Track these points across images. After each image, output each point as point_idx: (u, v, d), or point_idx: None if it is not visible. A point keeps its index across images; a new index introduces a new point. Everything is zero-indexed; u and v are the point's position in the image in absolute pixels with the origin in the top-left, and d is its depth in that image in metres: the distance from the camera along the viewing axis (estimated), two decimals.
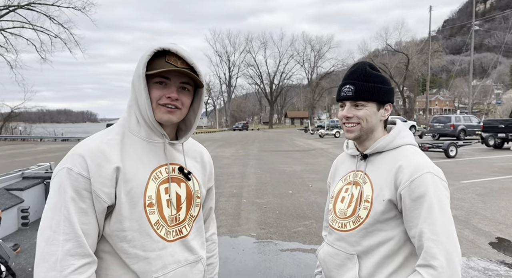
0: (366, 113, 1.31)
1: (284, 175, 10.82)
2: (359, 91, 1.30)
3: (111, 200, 1.08)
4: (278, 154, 17.62)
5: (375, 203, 1.26)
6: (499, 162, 12.91)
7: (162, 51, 1.14)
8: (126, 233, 1.10)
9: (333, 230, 1.40)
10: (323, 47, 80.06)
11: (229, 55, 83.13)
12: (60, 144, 31.57)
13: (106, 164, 1.08)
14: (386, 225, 1.26)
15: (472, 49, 39.39)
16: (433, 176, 1.21)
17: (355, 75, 1.32)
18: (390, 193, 1.24)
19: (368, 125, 1.32)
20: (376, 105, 1.32)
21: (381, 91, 1.31)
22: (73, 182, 1.05)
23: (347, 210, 1.35)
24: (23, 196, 3.73)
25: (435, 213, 1.17)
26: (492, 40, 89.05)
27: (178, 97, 1.16)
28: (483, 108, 54.80)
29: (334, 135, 32.73)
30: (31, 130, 41.86)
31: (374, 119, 1.32)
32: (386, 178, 1.26)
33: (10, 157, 18.16)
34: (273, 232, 5.46)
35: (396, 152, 1.31)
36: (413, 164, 1.23)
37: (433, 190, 1.19)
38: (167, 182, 1.18)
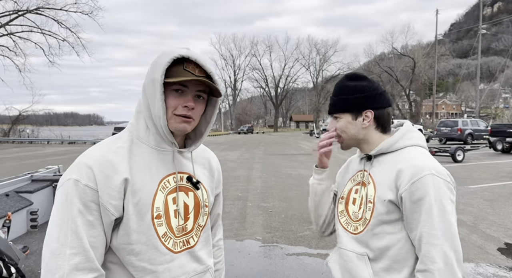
0: (341, 125, 1.38)
1: (290, 179, 10.80)
2: (332, 106, 1.40)
3: (119, 213, 1.05)
4: (284, 157, 17.60)
5: (377, 203, 1.27)
6: (507, 167, 12.80)
7: (180, 58, 1.09)
8: (133, 246, 1.07)
9: (347, 232, 1.39)
10: (329, 51, 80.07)
11: (234, 58, 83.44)
12: (67, 147, 31.78)
13: (114, 175, 1.05)
14: (392, 227, 1.26)
15: (480, 52, 39.16)
16: (434, 177, 1.19)
17: (333, 91, 1.42)
18: (392, 194, 1.24)
19: (348, 135, 1.38)
20: (350, 115, 1.36)
21: (351, 101, 1.35)
22: (80, 194, 1.01)
23: (358, 213, 1.36)
24: (32, 199, 3.77)
25: (434, 216, 1.17)
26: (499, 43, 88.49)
27: (194, 106, 1.12)
28: (491, 113, 54.34)
29: None
30: (38, 133, 42.17)
31: (353, 128, 1.36)
32: (388, 179, 1.27)
33: (18, 160, 18.32)
34: (279, 236, 5.45)
35: (400, 153, 1.32)
36: (414, 166, 1.22)
37: (434, 192, 1.18)
38: (175, 191, 1.15)
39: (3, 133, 38.84)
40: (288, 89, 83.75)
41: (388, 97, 1.41)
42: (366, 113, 1.36)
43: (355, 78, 1.40)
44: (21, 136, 39.05)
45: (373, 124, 1.37)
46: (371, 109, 1.35)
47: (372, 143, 1.38)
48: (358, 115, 1.36)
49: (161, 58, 1.09)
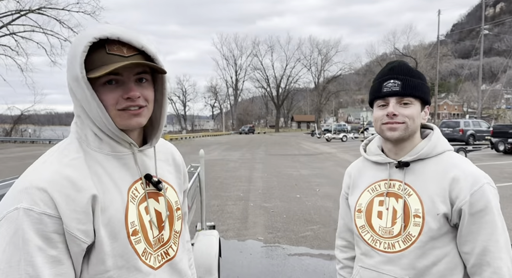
0: (413, 112, 1.17)
1: (291, 179, 10.81)
2: (407, 86, 1.16)
3: (91, 238, 0.86)
4: (285, 158, 17.61)
5: (428, 218, 1.13)
6: (509, 168, 12.77)
7: (99, 41, 0.86)
8: (110, 272, 0.89)
9: (377, 251, 1.21)
10: (330, 51, 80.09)
11: (236, 58, 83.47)
12: None
13: (77, 194, 0.84)
14: (440, 242, 1.14)
15: (482, 53, 39.10)
16: (490, 187, 1.12)
17: (398, 70, 1.19)
18: (445, 206, 1.12)
19: (413, 126, 1.18)
20: (420, 104, 1.20)
21: (426, 89, 1.20)
22: (36, 226, 0.79)
23: (392, 228, 1.18)
24: None
25: (499, 229, 1.10)
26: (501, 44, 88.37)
27: (139, 94, 0.90)
28: (493, 113, 54.26)
29: (341, 139, 32.62)
30: (40, 133, 42.28)
31: (418, 120, 1.19)
32: (436, 189, 1.14)
33: (21, 159, 18.37)
34: (280, 236, 5.46)
35: (441, 159, 1.19)
36: (470, 174, 1.12)
37: (494, 203, 1.11)
38: (145, 200, 0.97)
39: (5, 133, 38.96)
40: (290, 89, 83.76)
41: None
42: (426, 109, 1.23)
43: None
44: (23, 136, 39.16)
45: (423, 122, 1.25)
46: (429, 104, 1.25)
47: (413, 143, 1.22)
48: (423, 107, 1.22)
49: (76, 48, 0.87)
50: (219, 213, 6.80)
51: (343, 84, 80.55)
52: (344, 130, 41.09)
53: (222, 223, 6.07)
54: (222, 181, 10.45)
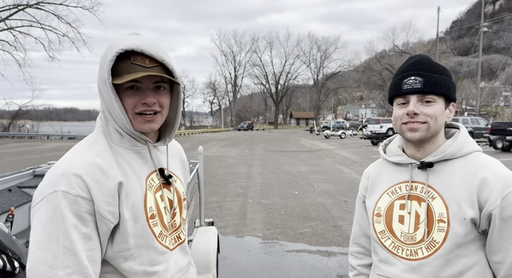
0: (436, 111, 1.09)
1: (290, 176, 10.83)
2: (429, 83, 1.08)
3: (117, 219, 1.00)
4: (284, 155, 17.63)
5: (454, 223, 1.05)
6: (507, 165, 12.82)
7: (126, 52, 0.99)
8: (132, 251, 1.02)
9: (398, 258, 1.13)
10: (330, 48, 79.93)
11: (234, 55, 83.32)
12: (67, 142, 31.80)
13: (106, 180, 0.98)
14: (467, 250, 1.06)
15: (481, 50, 39.11)
16: None
17: (419, 66, 1.11)
18: (473, 210, 1.04)
19: (436, 126, 1.10)
20: (444, 102, 1.12)
21: (451, 85, 1.12)
22: (72, 206, 0.92)
23: (415, 234, 1.10)
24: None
25: None
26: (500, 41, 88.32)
27: (155, 101, 1.03)
28: (491, 111, 54.32)
29: (339, 136, 32.66)
30: (38, 128, 42.20)
31: (441, 119, 1.11)
32: (464, 192, 1.06)
33: (19, 155, 18.35)
34: (279, 232, 5.48)
35: (468, 160, 1.11)
36: (502, 176, 1.05)
37: None
38: (160, 189, 1.12)
39: (3, 128, 38.92)
40: (289, 86, 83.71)
41: None
42: (451, 107, 1.15)
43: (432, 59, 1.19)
44: (21, 132, 39.09)
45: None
46: (454, 102, 1.16)
47: (436, 143, 1.14)
48: (447, 105, 1.14)
49: (106, 55, 1.00)
50: (217, 209, 6.83)
51: (342, 81, 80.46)
52: (342, 127, 41.12)
53: (220, 220, 6.09)
54: (221, 177, 10.47)
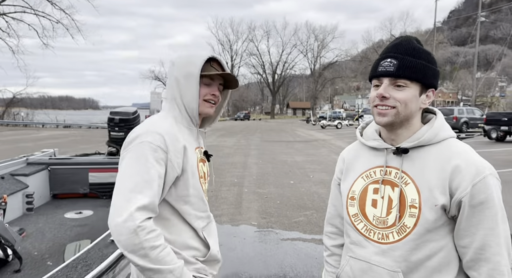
0: (406, 96, 1.08)
1: (286, 165, 10.85)
2: (402, 66, 1.07)
3: (180, 171, 1.32)
4: (280, 145, 17.64)
5: (425, 209, 1.06)
6: (501, 155, 12.92)
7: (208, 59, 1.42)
8: (190, 198, 1.35)
9: (369, 241, 1.15)
10: (327, 37, 79.45)
11: (231, 43, 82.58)
12: (62, 131, 31.61)
13: (177, 142, 1.31)
14: (436, 234, 1.08)
15: (478, 40, 39.06)
16: (494, 179, 1.05)
17: (399, 48, 1.10)
18: (444, 197, 1.05)
19: (406, 112, 1.09)
20: (419, 87, 1.09)
21: (428, 71, 1.09)
22: (153, 153, 1.24)
23: (387, 218, 1.12)
24: (28, 182, 3.77)
25: (499, 223, 1.04)
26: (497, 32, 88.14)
27: (218, 94, 1.45)
28: (487, 101, 54.54)
29: (336, 126, 32.69)
30: (33, 116, 41.92)
31: (414, 105, 1.10)
32: (436, 178, 1.06)
33: (13, 143, 18.23)
34: (274, 221, 5.51)
35: (443, 147, 1.10)
36: (473, 164, 1.05)
37: (497, 195, 1.04)
38: (201, 161, 1.48)
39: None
40: (286, 76, 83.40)
41: None
42: (429, 92, 1.13)
43: (420, 43, 1.15)
44: (16, 119, 38.80)
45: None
46: (435, 88, 1.13)
47: (411, 128, 1.13)
48: (424, 91, 1.11)
49: (195, 58, 1.40)
50: (213, 198, 6.84)
51: (339, 71, 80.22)
52: (339, 118, 41.10)
53: (216, 208, 6.11)
54: (217, 166, 10.47)
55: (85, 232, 3.16)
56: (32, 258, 2.65)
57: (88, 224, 3.40)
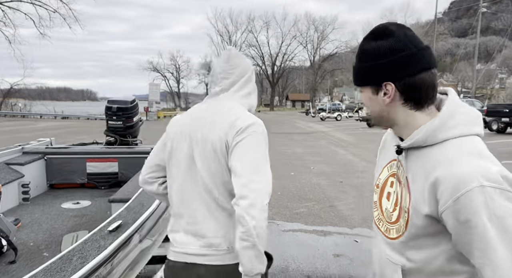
0: (364, 100, 1.09)
1: (286, 157, 10.78)
2: (355, 75, 1.10)
3: None
4: (280, 136, 17.56)
5: (413, 214, 0.99)
6: (502, 147, 12.87)
7: None
8: None
9: (378, 231, 1.15)
10: (327, 28, 78.80)
11: (230, 34, 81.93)
12: (60, 122, 31.48)
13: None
14: (429, 240, 0.99)
15: (479, 32, 38.77)
16: (485, 190, 0.87)
17: (357, 56, 1.09)
18: (429, 208, 0.95)
19: (372, 113, 1.09)
20: (370, 88, 1.05)
21: (367, 71, 1.05)
22: (266, 139, 1.46)
23: (392, 214, 1.08)
24: (23, 171, 3.67)
25: (492, 243, 0.86)
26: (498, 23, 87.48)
27: None
28: (486, 93, 54.41)
29: (335, 118, 32.62)
30: (31, 107, 41.73)
31: (376, 106, 1.05)
32: (422, 186, 0.97)
33: (11, 133, 18.12)
34: (275, 212, 5.44)
35: (440, 149, 0.97)
36: (456, 174, 0.90)
37: (486, 211, 0.86)
38: None
39: None
40: (285, 67, 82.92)
41: (426, 56, 1.00)
42: (386, 87, 1.02)
43: (379, 36, 1.04)
44: (13, 110, 38.60)
45: (399, 99, 1.01)
46: (390, 80, 1.00)
47: (403, 124, 1.05)
48: (379, 89, 1.03)
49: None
50: None
51: (339, 63, 79.73)
52: (338, 110, 40.95)
53: None
54: None
55: (83, 223, 3.08)
56: (28, 249, 2.57)
57: (86, 214, 3.32)
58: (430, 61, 1.00)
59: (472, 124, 0.99)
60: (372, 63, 1.03)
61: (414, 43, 1.00)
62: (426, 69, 0.99)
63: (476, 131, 0.98)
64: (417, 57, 0.99)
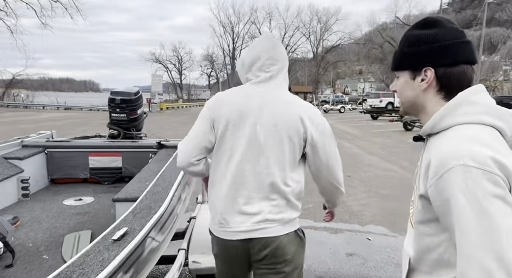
0: (397, 85, 1.11)
1: None
2: (393, 60, 1.13)
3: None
4: None
5: (416, 197, 1.03)
6: None
7: None
8: None
9: (409, 225, 1.14)
10: (330, 19, 77.87)
11: (233, 25, 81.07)
12: (62, 113, 31.33)
13: None
14: (430, 228, 0.98)
15: (484, 23, 38.22)
16: (467, 169, 0.85)
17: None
18: (424, 188, 0.95)
19: (404, 99, 1.10)
20: (409, 73, 1.07)
21: (410, 53, 1.06)
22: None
23: (412, 201, 1.10)
24: (23, 166, 3.50)
25: (467, 221, 0.84)
26: (503, 14, 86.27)
27: None
28: (490, 85, 53.89)
29: (339, 110, 32.35)
30: (33, 98, 41.58)
31: (410, 91, 1.07)
32: (423, 168, 0.98)
33: (12, 124, 18.00)
34: None
35: (444, 135, 0.97)
36: (442, 153, 0.90)
37: (465, 189, 0.84)
38: None
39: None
40: (288, 59, 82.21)
41: (470, 50, 1.02)
42: (426, 72, 1.03)
43: (426, 25, 1.06)
44: (16, 101, 38.46)
45: (435, 86, 1.02)
46: (431, 66, 1.02)
47: (430, 112, 1.05)
48: (417, 73, 1.05)
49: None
50: None
51: (342, 55, 78.98)
52: (342, 102, 40.69)
53: None
54: None
55: (85, 221, 2.92)
56: (27, 250, 2.41)
57: (88, 212, 3.15)
58: (472, 55, 1.03)
59: (485, 114, 0.95)
60: (415, 49, 1.05)
61: (459, 34, 1.03)
62: (467, 62, 1.02)
63: (489, 122, 0.94)
64: (461, 48, 1.02)
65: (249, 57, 1.63)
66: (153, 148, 3.95)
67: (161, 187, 2.46)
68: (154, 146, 3.94)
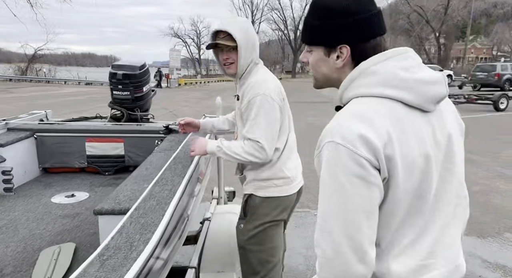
0: (312, 61, 1.05)
1: (317, 129, 9.90)
2: (302, 31, 1.06)
3: None
4: (305, 105, 16.70)
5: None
6: None
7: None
8: None
9: None
10: None
11: None
12: (83, 88, 31.34)
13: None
14: None
15: None
16: (335, 146, 0.88)
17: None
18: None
19: (319, 75, 1.06)
20: (323, 49, 1.01)
21: (322, 30, 1.00)
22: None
23: None
24: (4, 154, 2.95)
25: (325, 195, 0.90)
26: None
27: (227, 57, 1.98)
28: None
29: None
30: (55, 73, 41.76)
31: (324, 67, 1.03)
32: None
33: (32, 99, 17.88)
34: (310, 199, 4.64)
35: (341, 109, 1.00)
36: (326, 128, 0.94)
37: (329, 165, 0.89)
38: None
39: (21, 72, 38.64)
40: None
41: (379, 21, 0.98)
42: (341, 49, 0.99)
43: None
44: (38, 75, 38.68)
45: (351, 63, 0.99)
46: (347, 43, 0.98)
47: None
48: (332, 51, 1.00)
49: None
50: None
51: None
52: None
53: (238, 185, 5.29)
54: None
55: (72, 228, 2.37)
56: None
57: (80, 213, 2.61)
58: (384, 26, 1.01)
59: (381, 85, 0.93)
60: (327, 23, 0.98)
61: (372, 6, 0.99)
62: (378, 34, 0.98)
63: (384, 94, 0.92)
64: (376, 21, 0.98)
65: None
66: (159, 133, 3.35)
67: (165, 190, 1.84)
68: (161, 131, 3.33)
